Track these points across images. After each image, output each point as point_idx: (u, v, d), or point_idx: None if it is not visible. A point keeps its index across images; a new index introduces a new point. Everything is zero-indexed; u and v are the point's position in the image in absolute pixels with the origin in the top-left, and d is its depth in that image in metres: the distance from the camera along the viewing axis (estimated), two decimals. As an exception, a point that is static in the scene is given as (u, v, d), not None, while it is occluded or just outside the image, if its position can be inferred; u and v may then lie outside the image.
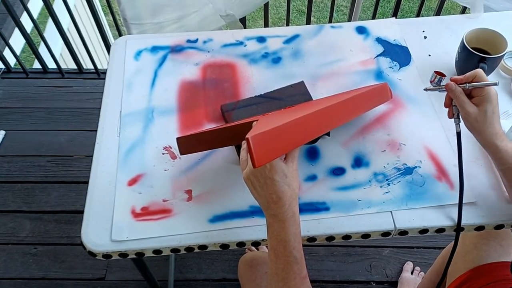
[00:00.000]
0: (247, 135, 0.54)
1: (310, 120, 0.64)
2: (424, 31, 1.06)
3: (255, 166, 0.53)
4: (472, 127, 0.71)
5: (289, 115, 0.72)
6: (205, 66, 1.00)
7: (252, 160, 0.53)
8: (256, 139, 0.53)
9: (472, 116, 0.70)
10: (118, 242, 0.74)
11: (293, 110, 0.79)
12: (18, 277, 1.52)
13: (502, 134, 0.70)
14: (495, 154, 0.70)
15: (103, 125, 0.90)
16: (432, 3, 4.10)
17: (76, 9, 3.25)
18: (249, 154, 0.53)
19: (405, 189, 0.79)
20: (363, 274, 1.51)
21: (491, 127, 0.69)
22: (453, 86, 0.72)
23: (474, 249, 0.96)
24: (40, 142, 1.87)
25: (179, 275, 1.51)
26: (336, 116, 0.72)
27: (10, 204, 1.69)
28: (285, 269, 0.62)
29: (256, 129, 0.58)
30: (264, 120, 0.66)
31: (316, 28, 1.07)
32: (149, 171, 0.82)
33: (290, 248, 0.61)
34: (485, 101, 0.69)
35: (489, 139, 0.70)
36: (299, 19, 4.16)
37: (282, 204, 0.60)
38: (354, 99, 0.77)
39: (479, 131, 0.70)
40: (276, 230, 0.62)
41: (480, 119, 0.69)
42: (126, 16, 1.32)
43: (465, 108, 0.70)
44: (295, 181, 0.62)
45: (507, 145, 0.69)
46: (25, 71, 2.10)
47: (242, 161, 0.63)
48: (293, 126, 0.60)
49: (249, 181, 0.61)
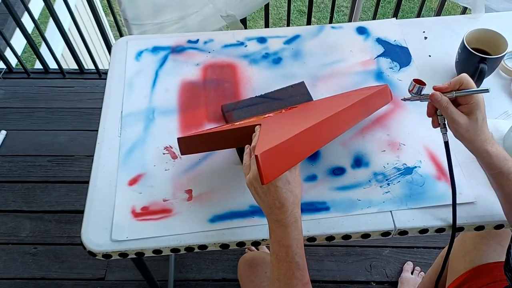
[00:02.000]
0: (256, 150, 0.54)
1: (316, 131, 0.63)
2: (424, 31, 1.06)
3: (264, 183, 0.54)
4: (463, 137, 0.67)
5: (292, 122, 0.72)
6: (206, 67, 1.00)
7: (260, 177, 0.54)
8: (265, 156, 0.53)
9: (463, 127, 0.66)
10: (118, 242, 0.74)
11: (295, 114, 0.79)
12: (18, 277, 1.53)
13: (491, 139, 0.67)
14: (486, 159, 0.67)
15: (104, 125, 0.90)
16: (433, 4, 4.10)
17: (77, 10, 3.25)
18: (258, 170, 0.53)
19: (405, 189, 0.79)
20: (363, 274, 1.51)
21: (482, 133, 0.66)
22: (439, 97, 0.66)
23: (473, 249, 0.97)
24: (41, 142, 1.87)
25: (179, 275, 1.51)
26: (340, 125, 0.72)
27: (10, 203, 1.69)
28: (287, 274, 0.62)
29: (263, 142, 0.57)
30: (267, 125, 0.66)
31: (317, 29, 1.08)
32: (150, 171, 0.83)
33: (292, 253, 0.61)
34: (475, 109, 0.65)
35: (480, 146, 0.66)
36: (300, 19, 4.16)
37: (285, 210, 0.60)
38: (357, 105, 0.76)
39: (470, 140, 0.67)
40: (278, 236, 0.62)
41: (471, 128, 0.66)
42: (127, 17, 1.32)
43: (455, 120, 0.66)
44: (297, 187, 0.63)
45: (497, 149, 0.66)
46: (26, 71, 2.10)
47: (245, 166, 0.63)
48: (300, 138, 0.59)
49: (252, 186, 0.61)
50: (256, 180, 0.60)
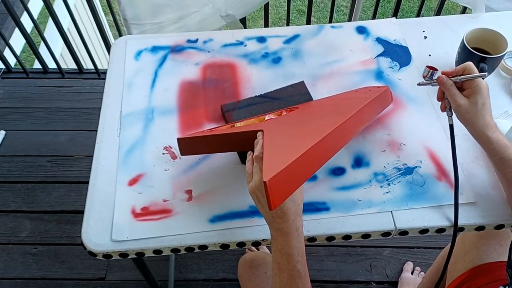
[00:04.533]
0: (264, 178, 0.53)
1: (321, 147, 0.63)
2: (424, 31, 1.06)
3: (271, 209, 0.54)
4: (464, 119, 0.72)
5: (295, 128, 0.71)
6: (205, 66, 1.00)
7: (268, 203, 0.54)
8: (273, 182, 0.53)
9: (463, 108, 0.71)
10: (118, 242, 0.74)
11: (297, 116, 0.79)
12: (18, 277, 1.52)
13: (493, 126, 0.71)
14: (487, 145, 0.71)
15: (103, 125, 0.90)
16: (433, 3, 4.10)
17: (76, 9, 3.24)
18: (266, 196, 0.53)
19: (405, 189, 0.79)
20: (363, 274, 1.51)
21: (482, 118, 0.70)
22: (444, 79, 0.73)
23: (473, 248, 0.96)
24: (40, 142, 1.87)
25: (179, 275, 1.51)
26: (345, 137, 0.71)
27: (10, 204, 1.69)
28: (289, 283, 0.62)
29: (269, 164, 0.57)
30: (270, 132, 0.66)
31: (316, 28, 1.07)
32: (149, 171, 0.82)
33: (293, 262, 0.62)
34: (476, 93, 0.70)
35: (480, 131, 0.70)
36: (299, 19, 4.16)
37: (287, 219, 0.61)
38: (360, 113, 0.75)
39: (471, 122, 0.71)
40: (280, 244, 0.62)
41: (471, 110, 0.70)
42: (126, 16, 1.32)
43: (456, 100, 0.72)
44: (299, 196, 0.63)
45: (498, 136, 0.70)
46: (25, 71, 2.10)
47: (247, 173, 0.63)
48: (306, 158, 0.59)
49: (254, 195, 0.62)
50: (258, 189, 0.60)
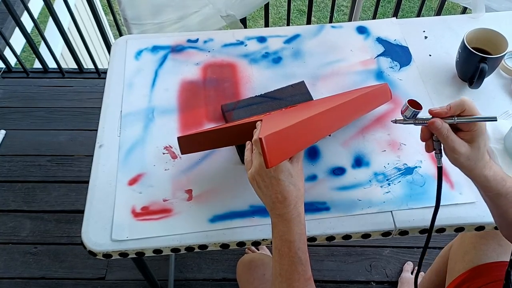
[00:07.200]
0: (260, 135, 0.53)
1: (318, 121, 0.63)
2: (424, 31, 1.06)
3: (268, 167, 0.53)
4: (462, 166, 0.62)
5: (293, 115, 0.72)
6: (206, 66, 1.00)
7: (265, 160, 0.53)
8: (269, 139, 0.53)
9: (464, 156, 0.60)
10: (118, 241, 0.74)
11: (295, 110, 0.79)
12: (18, 276, 1.52)
13: (489, 161, 0.62)
14: (483, 183, 0.63)
15: (104, 124, 0.90)
16: (433, 3, 4.10)
17: (76, 9, 3.24)
18: (262, 154, 0.53)
19: (405, 189, 0.79)
20: (363, 274, 1.51)
21: (482, 160, 0.61)
22: (439, 124, 0.59)
23: (473, 249, 0.96)
24: (40, 141, 1.87)
25: (179, 275, 1.51)
26: (340, 117, 0.72)
27: (10, 203, 1.69)
28: (289, 270, 0.61)
29: (266, 129, 0.57)
30: (268, 120, 0.66)
31: (317, 28, 1.07)
32: (150, 171, 0.82)
33: (294, 248, 0.61)
34: (478, 136, 0.59)
35: (479, 173, 0.61)
36: (300, 19, 4.16)
37: (288, 204, 0.60)
38: (357, 99, 0.77)
39: (470, 168, 0.61)
40: (281, 230, 0.61)
41: (473, 157, 0.60)
42: (126, 16, 1.32)
43: (455, 149, 0.59)
44: (300, 180, 0.62)
45: (495, 172, 0.62)
46: (25, 70, 2.10)
47: (246, 161, 0.62)
48: (302, 126, 0.59)
49: (254, 181, 0.61)
50: (258, 174, 0.59)
